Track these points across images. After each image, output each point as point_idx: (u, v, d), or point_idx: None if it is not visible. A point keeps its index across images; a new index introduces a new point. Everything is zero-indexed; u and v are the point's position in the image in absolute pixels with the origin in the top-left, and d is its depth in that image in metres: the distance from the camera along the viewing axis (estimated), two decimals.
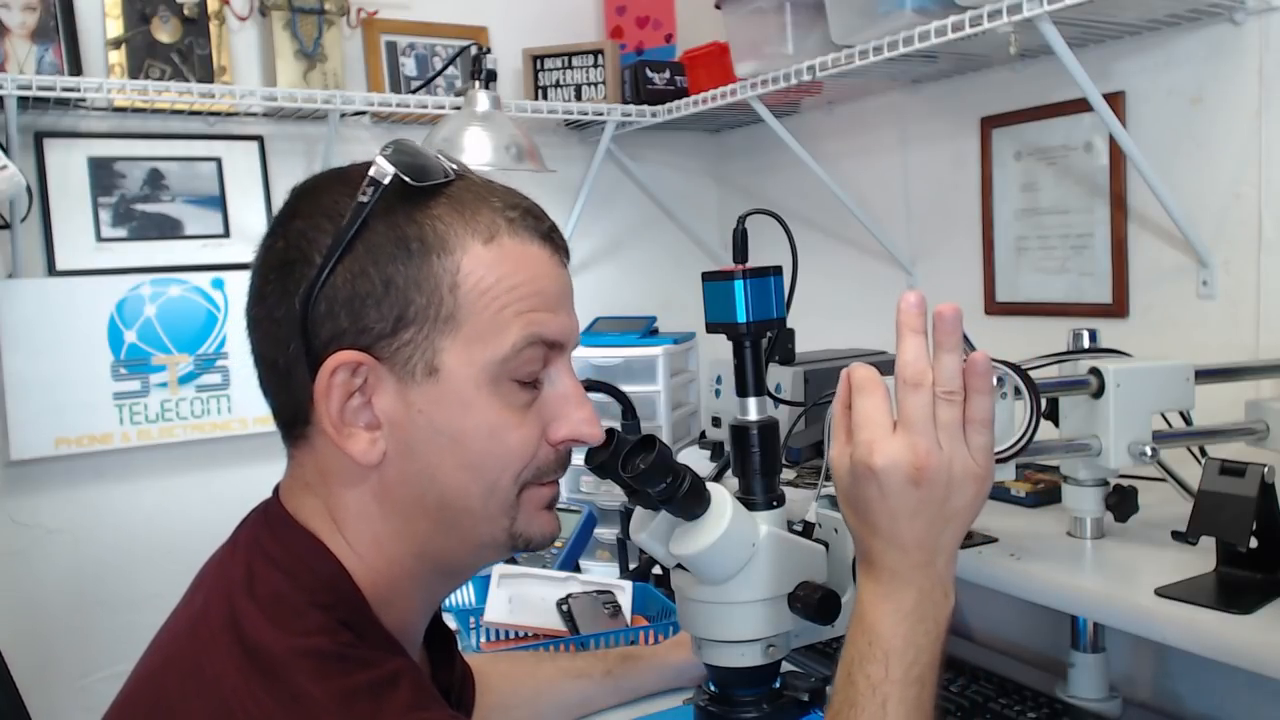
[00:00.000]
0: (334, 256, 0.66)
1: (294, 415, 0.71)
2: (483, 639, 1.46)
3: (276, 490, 0.76)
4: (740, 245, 0.88)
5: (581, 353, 2.04)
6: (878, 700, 0.68)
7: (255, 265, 0.72)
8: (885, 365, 0.71)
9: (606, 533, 1.87)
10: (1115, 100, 1.44)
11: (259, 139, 1.99)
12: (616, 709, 1.21)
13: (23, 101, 1.68)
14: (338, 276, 0.67)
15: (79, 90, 1.66)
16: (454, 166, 0.72)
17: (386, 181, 0.67)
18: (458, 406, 0.68)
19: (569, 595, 1.45)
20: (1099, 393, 1.08)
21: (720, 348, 0.90)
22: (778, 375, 1.55)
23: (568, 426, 0.73)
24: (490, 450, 0.70)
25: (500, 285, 0.69)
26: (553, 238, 0.74)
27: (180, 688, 0.63)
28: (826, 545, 0.86)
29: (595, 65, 2.15)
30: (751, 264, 0.84)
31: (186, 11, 1.87)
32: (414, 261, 0.67)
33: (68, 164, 1.84)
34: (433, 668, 0.85)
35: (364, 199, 0.67)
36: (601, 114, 2.10)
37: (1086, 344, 1.15)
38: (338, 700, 0.61)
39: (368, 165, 0.68)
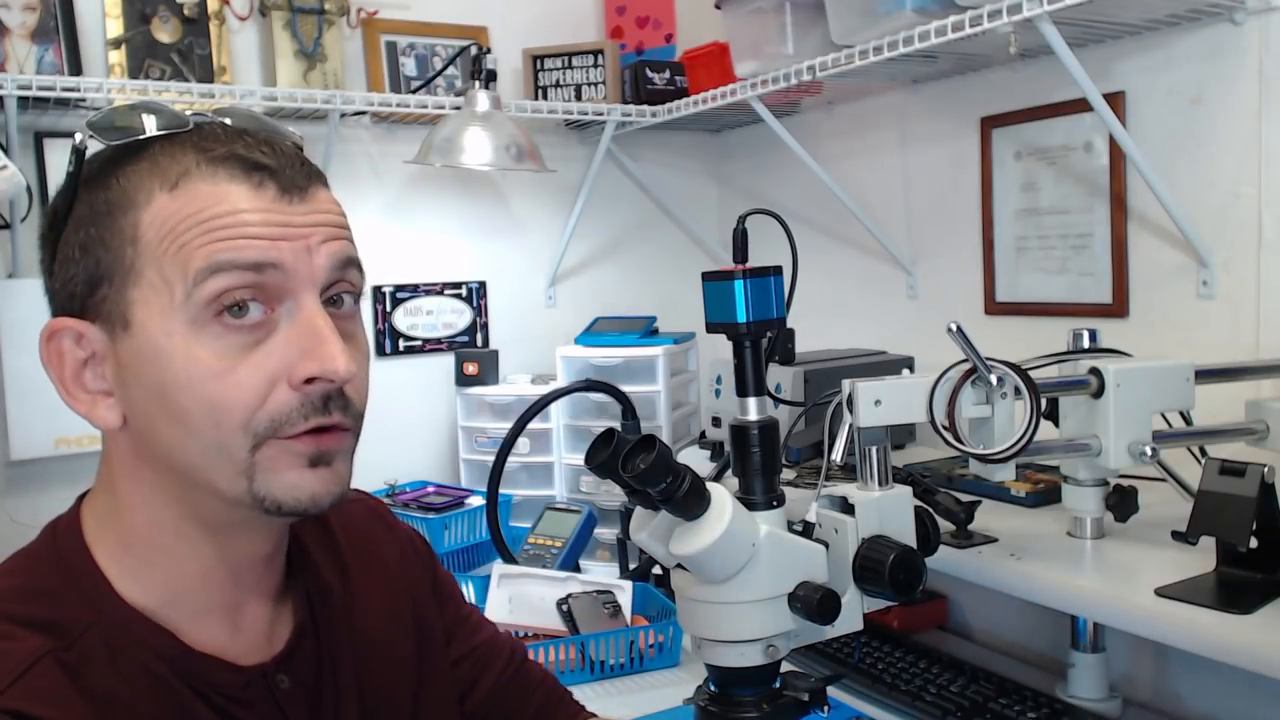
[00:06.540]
0: (53, 237, 0.68)
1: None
2: None
3: None
4: (740, 245, 0.88)
5: (581, 352, 2.04)
6: None
7: None
8: (884, 366, 0.71)
9: (606, 533, 1.87)
10: (1115, 100, 1.44)
11: None
12: (616, 709, 1.21)
13: (23, 101, 1.68)
14: (58, 254, 0.68)
15: (79, 90, 1.66)
16: (197, 117, 0.68)
17: (76, 142, 0.66)
18: (154, 357, 0.64)
19: (569, 595, 1.45)
20: (1099, 393, 1.09)
21: (720, 348, 0.90)
22: (778, 375, 1.55)
23: (304, 364, 0.64)
24: (191, 405, 0.63)
25: (181, 225, 0.63)
26: (266, 170, 0.65)
27: None
28: (826, 545, 0.86)
29: (595, 65, 2.15)
30: (751, 264, 0.84)
31: (186, 11, 1.87)
32: (103, 223, 0.65)
33: (68, 164, 1.83)
34: (314, 633, 0.76)
35: (70, 169, 0.67)
36: (601, 114, 2.10)
37: (1086, 344, 1.16)
38: None
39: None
